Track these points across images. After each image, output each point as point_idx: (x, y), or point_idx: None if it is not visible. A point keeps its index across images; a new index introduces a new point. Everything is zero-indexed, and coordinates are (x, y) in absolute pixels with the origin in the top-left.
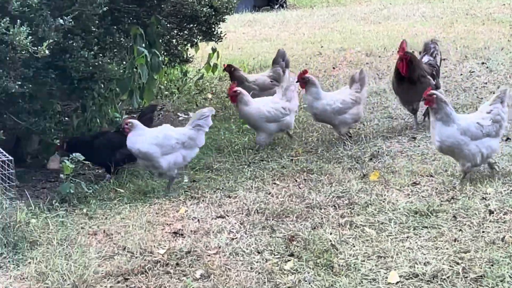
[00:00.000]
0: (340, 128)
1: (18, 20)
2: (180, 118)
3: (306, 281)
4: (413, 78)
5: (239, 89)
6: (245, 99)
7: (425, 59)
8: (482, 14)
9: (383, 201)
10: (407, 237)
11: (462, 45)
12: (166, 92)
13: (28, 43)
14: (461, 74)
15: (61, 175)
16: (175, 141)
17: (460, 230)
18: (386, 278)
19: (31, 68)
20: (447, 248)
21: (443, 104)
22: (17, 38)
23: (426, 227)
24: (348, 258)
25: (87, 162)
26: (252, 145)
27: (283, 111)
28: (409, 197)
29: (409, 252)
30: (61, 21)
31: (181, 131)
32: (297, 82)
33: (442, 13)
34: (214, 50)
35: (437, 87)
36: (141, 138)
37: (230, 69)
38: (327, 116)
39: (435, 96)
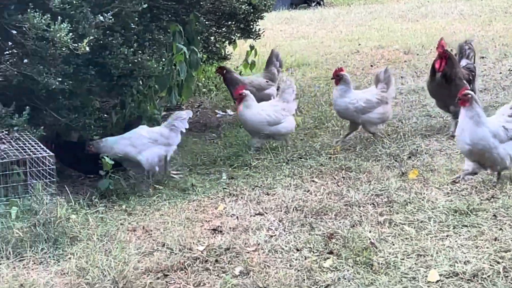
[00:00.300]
0: (368, 127)
1: (59, 17)
2: (218, 116)
3: (345, 279)
4: (450, 76)
5: (246, 92)
6: (249, 103)
7: (463, 62)
8: None
9: (422, 200)
10: (447, 236)
11: (501, 43)
12: (204, 89)
13: (68, 40)
14: (500, 73)
15: (100, 172)
16: (147, 140)
17: (501, 229)
18: (426, 276)
19: (71, 64)
20: (487, 247)
21: (476, 104)
22: (58, 35)
23: (466, 226)
24: (387, 256)
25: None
26: (291, 143)
27: (284, 113)
28: (449, 196)
29: (449, 251)
30: (101, 18)
31: (153, 129)
32: (332, 78)
33: (480, 11)
34: (252, 47)
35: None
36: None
37: (222, 72)
38: (349, 114)
39: (470, 95)
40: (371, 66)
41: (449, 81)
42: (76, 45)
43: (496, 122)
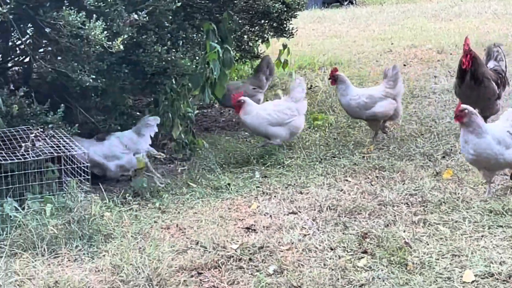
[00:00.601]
0: (372, 125)
1: (94, 15)
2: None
3: (379, 278)
4: (477, 75)
5: (244, 98)
6: (248, 108)
7: (491, 64)
8: None
9: (457, 200)
10: (482, 236)
11: None
12: None
13: (103, 38)
14: None
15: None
16: (121, 149)
17: None
18: (461, 277)
19: (105, 62)
20: None
21: (474, 117)
22: (93, 33)
23: (501, 226)
24: (422, 256)
25: (159, 157)
26: (324, 142)
27: (290, 112)
28: (483, 196)
29: (484, 251)
30: (135, 16)
31: (124, 135)
32: (329, 79)
33: None
34: (285, 46)
35: (498, 96)
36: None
37: None
38: (353, 111)
39: (466, 111)
40: (404, 65)
41: (478, 82)
42: (110, 43)
43: (500, 128)
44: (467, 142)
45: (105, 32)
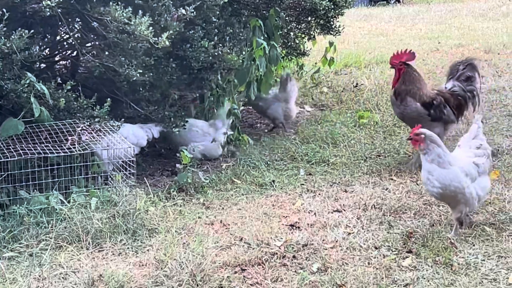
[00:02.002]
0: (275, 122)
1: (140, 11)
2: (297, 111)
3: (424, 278)
4: (399, 92)
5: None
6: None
7: (449, 85)
8: None
9: (503, 201)
10: None
11: None
12: None
13: (149, 34)
14: None
15: (178, 165)
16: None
17: None
18: (507, 278)
19: (152, 57)
20: None
21: (434, 145)
22: (139, 29)
23: None
24: (467, 256)
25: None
26: (369, 140)
27: (201, 138)
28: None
29: None
30: (183, 11)
31: (130, 127)
32: None
33: None
34: (331, 44)
35: (433, 118)
36: None
37: None
38: (257, 112)
39: (423, 135)
40: None
41: (400, 98)
42: (156, 39)
43: (465, 158)
44: (431, 173)
45: (151, 28)
